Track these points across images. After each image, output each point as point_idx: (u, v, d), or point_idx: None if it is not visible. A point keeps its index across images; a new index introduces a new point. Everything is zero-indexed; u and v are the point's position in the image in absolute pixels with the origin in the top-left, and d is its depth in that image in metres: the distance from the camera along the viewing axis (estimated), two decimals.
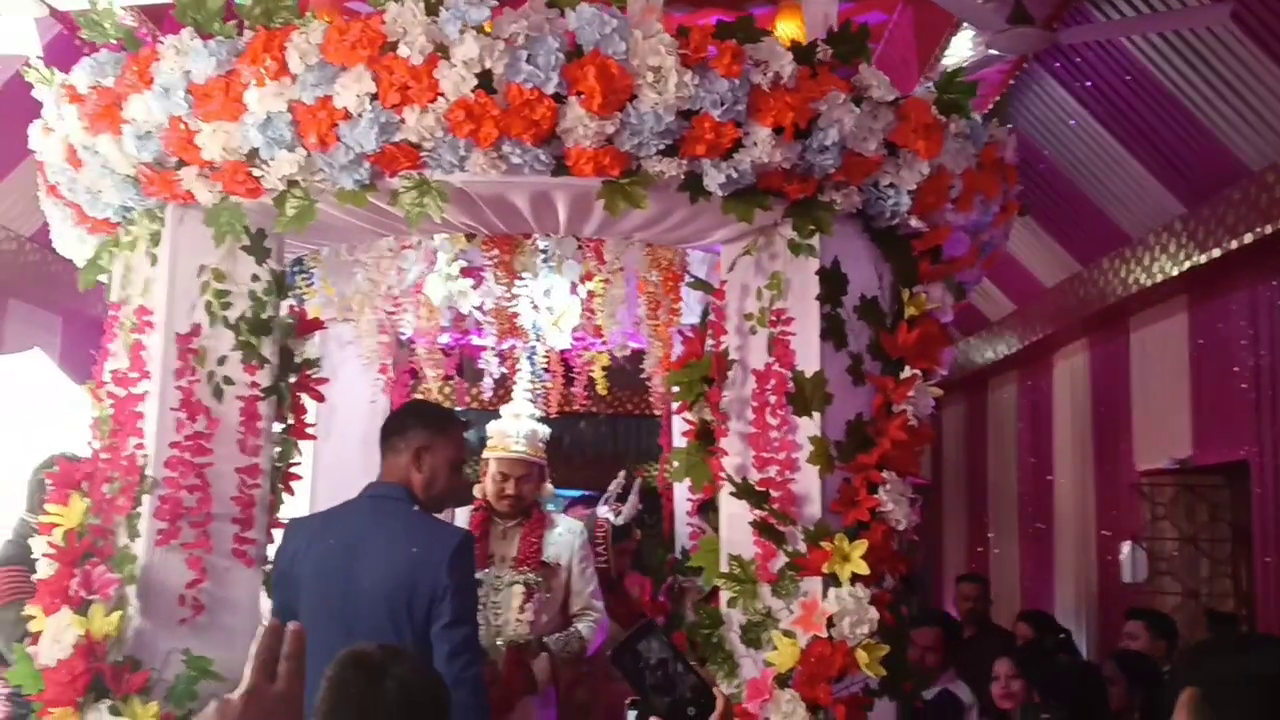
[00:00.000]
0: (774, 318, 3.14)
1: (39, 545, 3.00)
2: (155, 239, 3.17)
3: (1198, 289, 6.11)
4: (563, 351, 4.46)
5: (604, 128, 2.80)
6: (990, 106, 5.95)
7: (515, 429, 4.18)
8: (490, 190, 2.93)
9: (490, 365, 4.39)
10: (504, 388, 4.55)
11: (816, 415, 3.04)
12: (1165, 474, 6.50)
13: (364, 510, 3.12)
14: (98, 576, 2.94)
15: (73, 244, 3.52)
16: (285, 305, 3.30)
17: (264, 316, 3.18)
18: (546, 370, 4.44)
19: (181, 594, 3.01)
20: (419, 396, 4.27)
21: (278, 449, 3.26)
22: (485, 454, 4.21)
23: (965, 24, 5.02)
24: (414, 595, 2.91)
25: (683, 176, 2.92)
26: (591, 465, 7.55)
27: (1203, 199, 5.60)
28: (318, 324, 3.38)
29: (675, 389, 3.23)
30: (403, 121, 2.78)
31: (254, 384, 3.15)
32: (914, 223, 3.22)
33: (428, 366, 4.36)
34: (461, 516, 4.23)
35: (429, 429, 3.14)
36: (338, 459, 4.56)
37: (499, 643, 3.98)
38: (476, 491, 4.33)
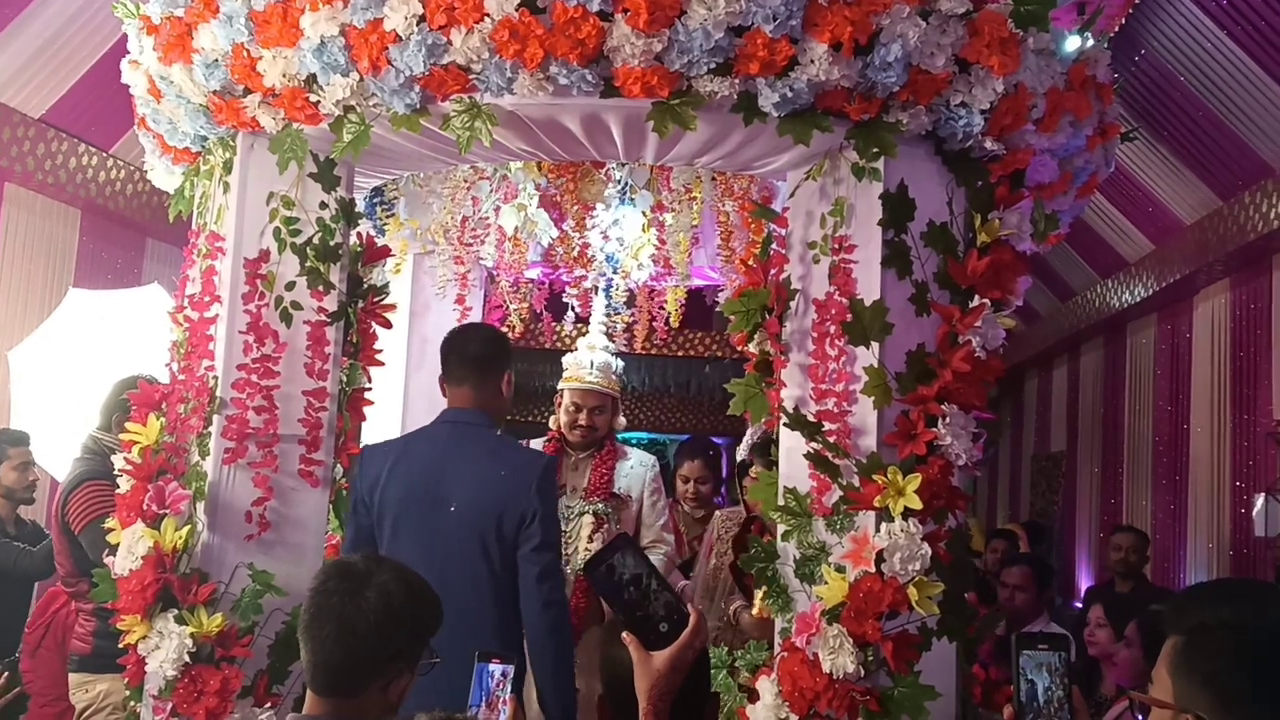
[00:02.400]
0: (836, 245, 3.03)
1: (119, 461, 3.14)
2: (228, 167, 3.26)
3: None
4: (645, 286, 4.43)
5: (651, 46, 2.73)
6: (1117, 29, 5.61)
7: (589, 360, 4.18)
8: (540, 113, 2.90)
9: (573, 301, 4.38)
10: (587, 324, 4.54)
11: (875, 345, 2.94)
12: None
13: (447, 435, 3.17)
14: (170, 492, 3.07)
15: (163, 175, 3.65)
16: (355, 233, 3.35)
17: (332, 243, 3.24)
18: (629, 305, 4.41)
19: (248, 511, 3.11)
20: (484, 323, 4.29)
21: (345, 374, 3.32)
22: (560, 385, 4.23)
23: None
24: (504, 517, 2.97)
25: (735, 97, 2.84)
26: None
27: None
28: (385, 251, 3.42)
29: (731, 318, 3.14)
30: (449, 43, 2.77)
31: (321, 309, 3.22)
32: (990, 145, 3.06)
33: (512, 301, 4.38)
34: (535, 447, 4.26)
35: (508, 353, 3.19)
36: (428, 390, 4.65)
37: (569, 571, 4.01)
38: (551, 423, 4.35)
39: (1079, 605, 7.85)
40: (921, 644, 2.85)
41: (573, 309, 4.32)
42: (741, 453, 4.44)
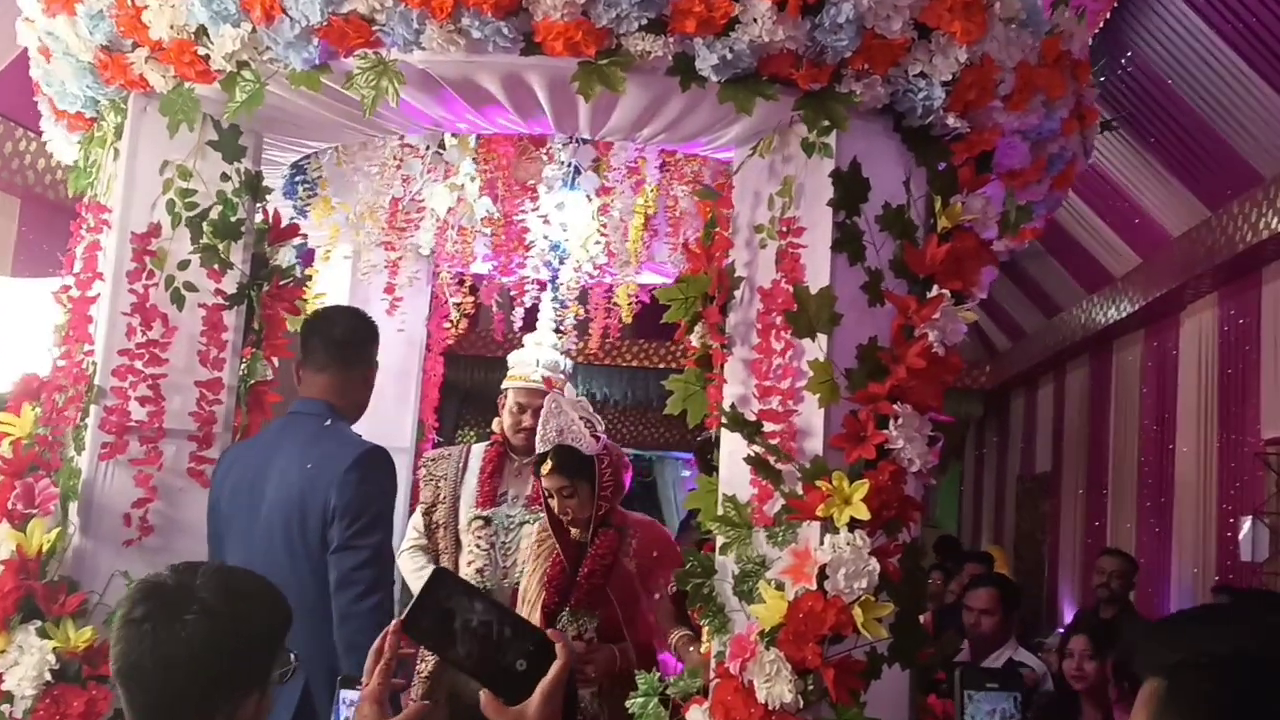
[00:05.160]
0: (784, 228, 2.75)
1: None
2: (119, 132, 2.97)
3: None
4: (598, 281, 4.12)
5: None
6: (1101, 24, 5.36)
7: (535, 358, 3.89)
8: (454, 72, 2.62)
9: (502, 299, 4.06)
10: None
11: (822, 337, 2.65)
12: None
13: (275, 430, 2.84)
14: (41, 490, 2.77)
15: (62, 146, 3.37)
16: (260, 209, 3.06)
17: (233, 219, 2.95)
18: (581, 301, 4.10)
19: (128, 513, 2.81)
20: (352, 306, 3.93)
21: (246, 365, 3.02)
22: (504, 384, 3.93)
23: None
24: (305, 517, 2.61)
25: (670, 59, 2.56)
26: None
27: None
28: (293, 230, 3.13)
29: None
30: None
31: (218, 291, 2.93)
32: (953, 122, 2.79)
33: (453, 295, 4.09)
34: (477, 452, 3.96)
35: (376, 340, 2.87)
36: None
37: (506, 585, 3.70)
38: (495, 426, 4.05)
39: (1063, 631, 7.55)
40: (868, 671, 2.55)
41: (520, 306, 3.99)
42: None
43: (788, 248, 2.73)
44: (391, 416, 4.38)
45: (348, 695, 1.90)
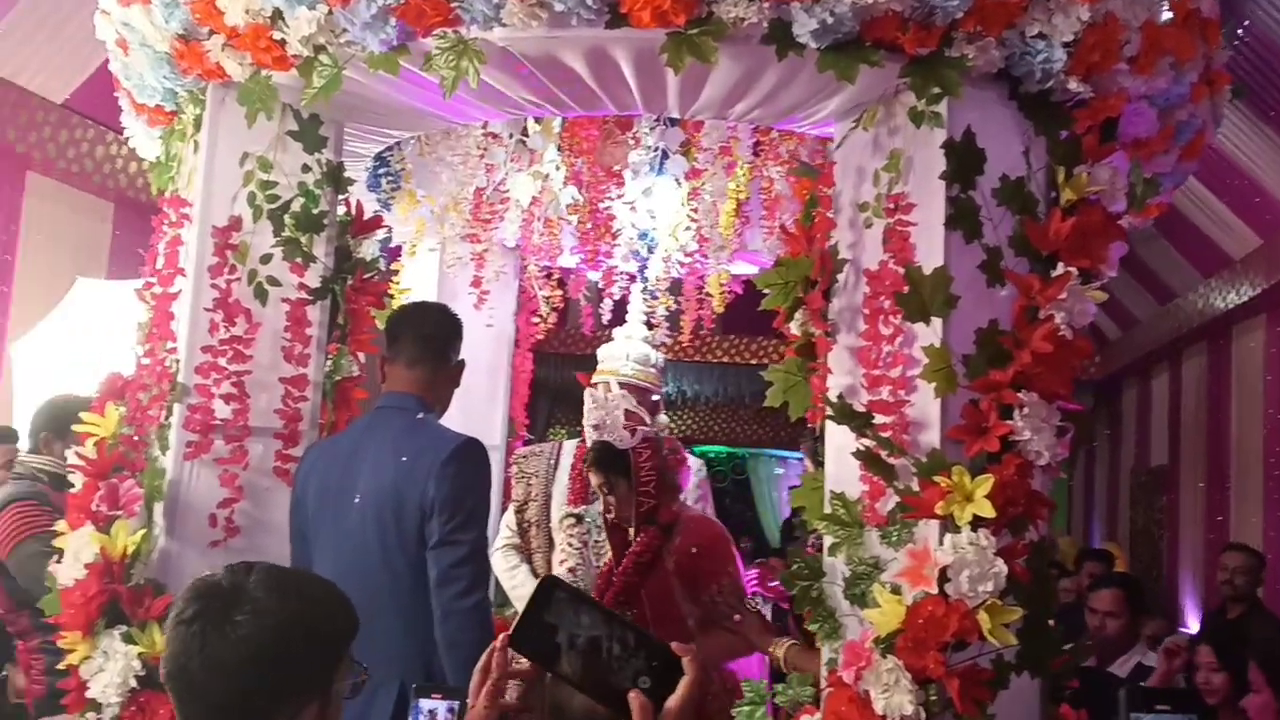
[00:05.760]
0: (891, 205, 2.56)
1: (72, 457, 2.78)
2: (198, 124, 2.90)
3: None
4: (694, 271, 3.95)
5: None
6: None
7: (625, 351, 3.74)
8: (537, 49, 2.48)
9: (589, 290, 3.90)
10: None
11: (937, 322, 2.45)
12: None
13: (366, 423, 2.73)
14: (125, 491, 2.70)
15: (144, 142, 3.31)
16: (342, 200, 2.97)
17: (315, 211, 2.86)
18: (674, 293, 3.93)
19: (213, 514, 2.73)
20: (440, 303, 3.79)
21: (331, 361, 2.93)
22: (593, 379, 3.78)
23: None
24: (401, 512, 2.49)
25: (766, 25, 2.39)
26: None
27: None
28: (377, 222, 3.03)
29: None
30: None
31: (301, 285, 2.84)
32: (1074, 86, 2.58)
33: (541, 288, 3.96)
34: (569, 449, 3.82)
35: (462, 336, 2.75)
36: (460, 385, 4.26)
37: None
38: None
39: (1186, 630, 7.19)
40: (995, 680, 2.35)
41: (607, 295, 3.83)
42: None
43: (896, 226, 2.54)
44: (482, 414, 4.29)
45: (425, 705, 1.78)
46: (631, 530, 3.36)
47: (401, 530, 2.47)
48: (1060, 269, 2.49)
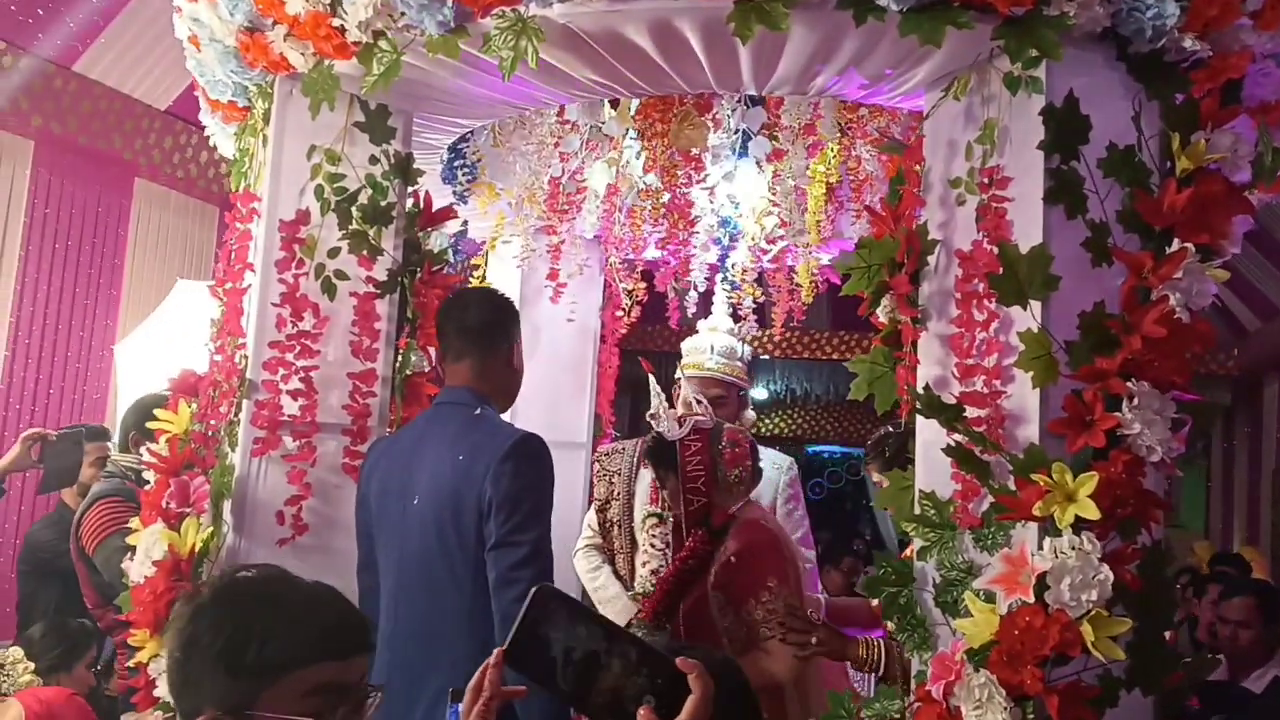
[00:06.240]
0: (985, 179, 2.36)
1: (145, 455, 2.77)
2: (267, 118, 2.85)
3: None
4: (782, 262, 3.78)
5: None
6: None
7: (709, 344, 3.59)
8: (597, 25, 2.36)
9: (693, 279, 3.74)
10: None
11: (1036, 305, 2.24)
12: None
13: (427, 420, 2.62)
14: (195, 488, 2.67)
15: (223, 140, 3.30)
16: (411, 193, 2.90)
17: (383, 204, 2.79)
18: (760, 284, 3.77)
19: (280, 511, 2.68)
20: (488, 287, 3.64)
21: (401, 355, 2.86)
22: (677, 374, 3.64)
23: None
24: (459, 512, 2.37)
25: None
26: None
27: None
28: (447, 213, 2.94)
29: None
30: None
31: (369, 279, 2.77)
32: (1190, 45, 2.34)
33: (623, 281, 3.84)
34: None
35: (516, 320, 2.62)
36: (541, 382, 4.17)
37: None
38: None
39: None
40: (1102, 699, 2.13)
41: (685, 284, 3.68)
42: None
43: (990, 202, 2.34)
44: (567, 411, 4.20)
45: (461, 708, 1.67)
46: (685, 532, 3.10)
47: (461, 532, 2.36)
48: (1176, 245, 2.26)
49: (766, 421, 11.13)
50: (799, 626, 2.81)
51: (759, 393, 10.33)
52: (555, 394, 4.18)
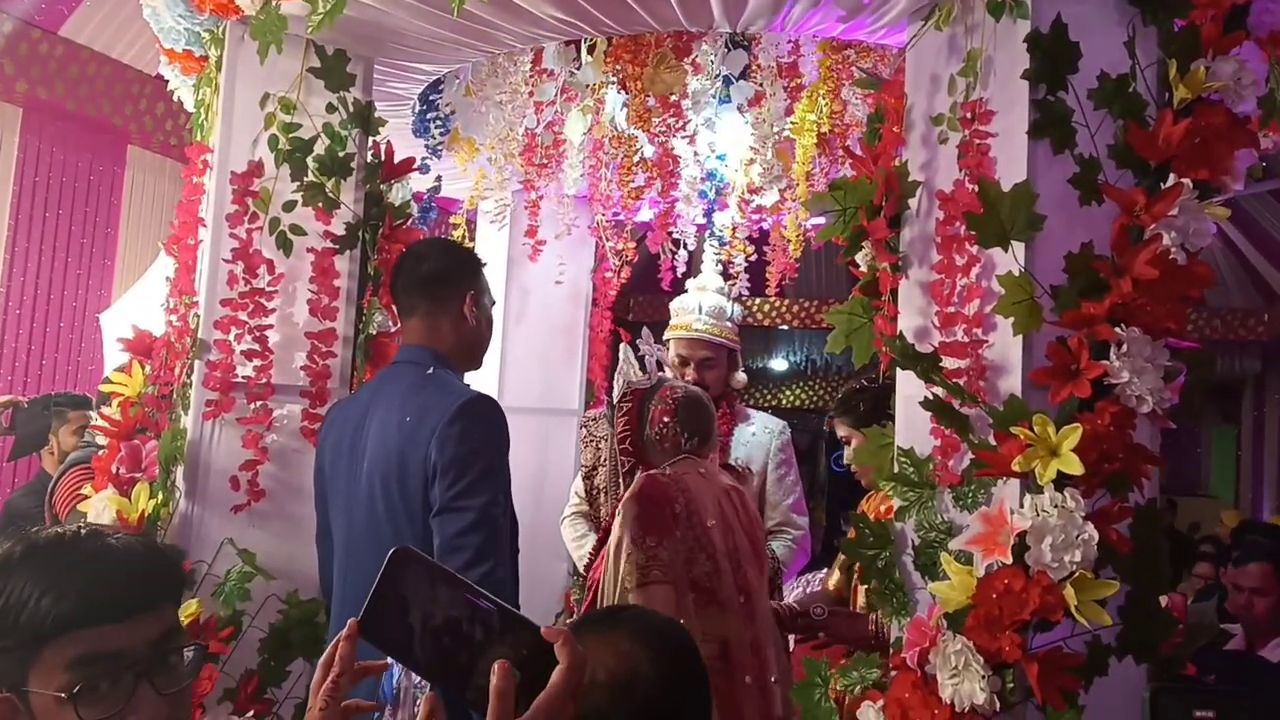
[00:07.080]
0: (967, 114, 2.20)
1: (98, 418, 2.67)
2: (220, 66, 2.73)
3: None
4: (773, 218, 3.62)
5: None
6: None
7: (697, 303, 3.44)
8: None
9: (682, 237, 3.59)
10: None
11: (1018, 246, 2.09)
12: None
13: (375, 382, 2.47)
14: (148, 453, 2.56)
15: (185, 93, 3.18)
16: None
17: (341, 154, 2.66)
18: (753, 241, 3.60)
19: (234, 476, 2.57)
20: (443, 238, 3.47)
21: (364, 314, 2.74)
22: (665, 335, 3.49)
23: None
24: (405, 476, 2.24)
25: None
26: None
27: None
28: (408, 164, 2.81)
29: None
30: None
31: (327, 233, 2.65)
32: None
33: (611, 240, 3.70)
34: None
35: (474, 269, 2.46)
36: (527, 347, 4.05)
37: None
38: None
39: None
40: (1088, 666, 1.99)
41: (684, 245, 3.52)
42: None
43: (972, 138, 2.18)
44: (558, 376, 4.08)
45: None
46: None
47: (407, 497, 2.22)
48: (1171, 180, 2.10)
49: (787, 393, 10.96)
50: (804, 626, 2.78)
51: (779, 364, 10.16)
52: (546, 359, 4.06)
